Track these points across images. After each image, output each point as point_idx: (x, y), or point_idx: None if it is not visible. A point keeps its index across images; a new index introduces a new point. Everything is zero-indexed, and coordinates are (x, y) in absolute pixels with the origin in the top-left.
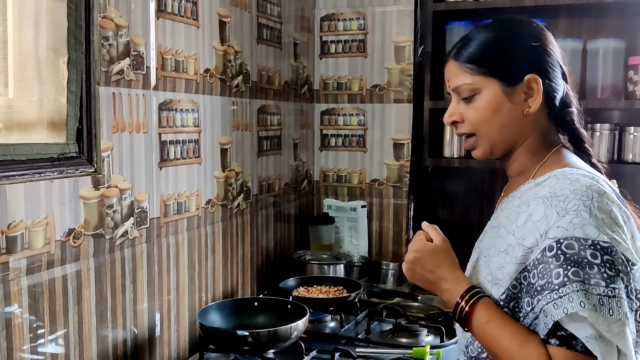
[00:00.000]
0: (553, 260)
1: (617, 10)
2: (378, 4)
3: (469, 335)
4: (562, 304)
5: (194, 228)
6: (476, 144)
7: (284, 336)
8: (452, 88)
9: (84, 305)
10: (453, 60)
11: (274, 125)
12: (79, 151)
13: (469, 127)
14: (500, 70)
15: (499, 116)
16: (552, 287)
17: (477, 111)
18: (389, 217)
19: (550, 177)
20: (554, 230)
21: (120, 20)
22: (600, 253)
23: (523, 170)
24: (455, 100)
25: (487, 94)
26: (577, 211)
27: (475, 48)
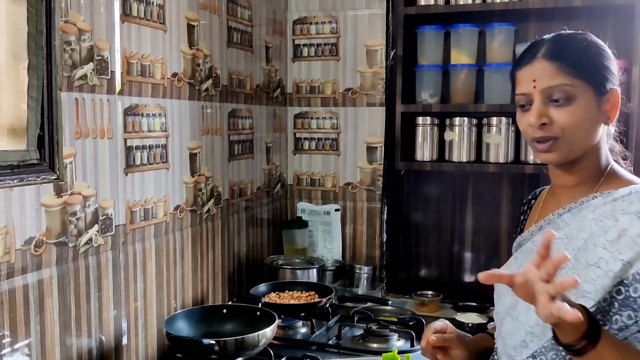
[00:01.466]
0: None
1: (585, 14)
2: (350, 8)
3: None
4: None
5: (162, 234)
6: (555, 149)
7: (251, 344)
8: (541, 89)
9: (46, 314)
10: (546, 60)
11: (246, 129)
12: (40, 158)
13: (555, 131)
14: (596, 79)
15: (588, 124)
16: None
17: (571, 115)
18: (362, 220)
19: (632, 193)
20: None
21: (83, 24)
22: None
23: (584, 181)
24: (540, 101)
25: (583, 100)
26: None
27: (571, 51)
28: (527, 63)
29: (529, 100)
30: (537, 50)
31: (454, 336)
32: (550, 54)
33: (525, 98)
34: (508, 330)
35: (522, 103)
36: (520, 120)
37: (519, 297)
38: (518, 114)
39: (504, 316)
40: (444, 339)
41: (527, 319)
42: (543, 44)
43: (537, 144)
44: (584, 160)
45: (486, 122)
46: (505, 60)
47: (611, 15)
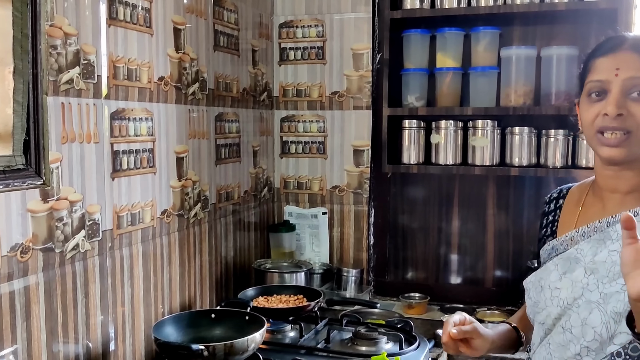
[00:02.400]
0: None
1: (569, 17)
2: (336, 11)
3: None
4: None
5: (149, 239)
6: (625, 144)
7: (240, 349)
8: (624, 78)
9: (33, 321)
10: (632, 52)
11: (233, 132)
12: (26, 163)
13: (630, 124)
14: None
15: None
16: None
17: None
18: (349, 223)
19: None
20: None
21: (69, 28)
22: None
23: (636, 188)
24: (619, 92)
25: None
26: None
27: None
28: (611, 52)
29: (603, 89)
30: (623, 42)
31: (474, 326)
32: (637, 47)
33: (600, 86)
34: (559, 342)
35: (595, 91)
36: (588, 109)
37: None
38: (585, 104)
39: (550, 327)
40: (464, 332)
41: (583, 333)
42: (628, 37)
43: (604, 137)
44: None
45: (472, 125)
46: (490, 64)
47: (595, 18)
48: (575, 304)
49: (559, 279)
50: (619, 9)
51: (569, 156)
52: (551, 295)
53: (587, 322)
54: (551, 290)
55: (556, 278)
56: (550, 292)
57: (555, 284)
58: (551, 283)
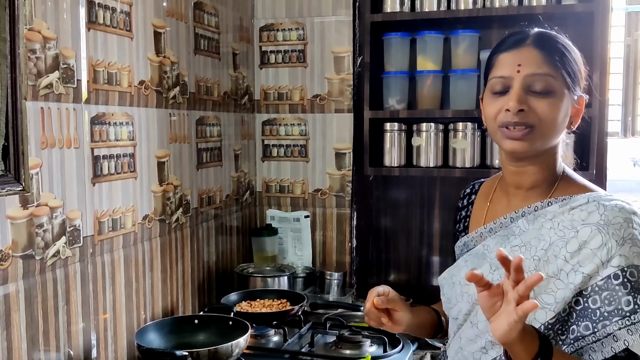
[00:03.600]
0: (621, 287)
1: (546, 20)
2: (317, 15)
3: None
4: (637, 330)
5: (131, 245)
6: (528, 138)
7: (225, 354)
8: (525, 74)
9: (13, 330)
10: (533, 48)
11: (214, 136)
12: (5, 169)
13: (533, 119)
14: (573, 80)
15: (562, 122)
16: (623, 313)
17: (550, 107)
18: (332, 226)
19: (590, 202)
20: (618, 259)
21: (48, 32)
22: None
23: (539, 184)
24: (521, 88)
25: (561, 96)
26: (632, 239)
27: (560, 48)
28: (514, 47)
29: (505, 85)
30: (525, 38)
31: (397, 298)
32: (540, 43)
33: (502, 82)
34: (468, 337)
35: (497, 88)
36: (491, 104)
37: (481, 305)
38: (488, 99)
39: (461, 322)
40: (388, 301)
41: (487, 327)
42: (531, 33)
43: (508, 130)
44: (544, 160)
45: (452, 128)
46: (469, 67)
47: (571, 22)
48: None
49: None
50: (595, 12)
51: None
52: (461, 291)
53: None
54: (461, 286)
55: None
56: (461, 288)
57: (465, 280)
58: (461, 279)
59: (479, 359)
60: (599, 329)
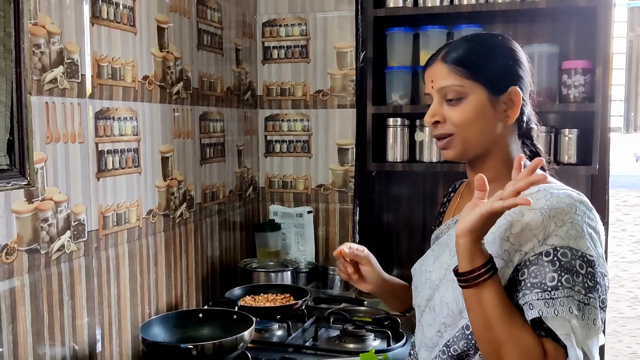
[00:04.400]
0: (549, 264)
1: (550, 16)
2: (319, 10)
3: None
4: (554, 305)
5: (135, 239)
6: (450, 145)
7: (229, 347)
8: (436, 89)
9: (18, 323)
10: (441, 62)
11: (217, 132)
12: (10, 163)
13: (449, 128)
14: (488, 79)
15: (481, 122)
16: (545, 287)
17: (461, 113)
18: (335, 222)
19: (540, 191)
20: (553, 238)
21: (53, 27)
22: (585, 265)
23: (495, 178)
24: (437, 101)
25: (473, 99)
26: (572, 223)
27: (466, 53)
28: (429, 65)
29: (431, 100)
30: (438, 54)
31: (366, 254)
32: (447, 57)
33: (429, 98)
34: (427, 322)
35: (429, 102)
36: None
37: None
38: None
39: (423, 309)
40: (354, 254)
41: (441, 310)
42: (445, 48)
43: (436, 141)
44: (490, 158)
45: None
46: None
47: (574, 16)
48: (441, 284)
49: (432, 262)
50: (598, 7)
51: (551, 152)
52: (425, 278)
53: (443, 300)
54: (425, 273)
55: (431, 262)
56: (425, 275)
57: (429, 268)
58: (427, 267)
59: (437, 343)
60: (519, 297)
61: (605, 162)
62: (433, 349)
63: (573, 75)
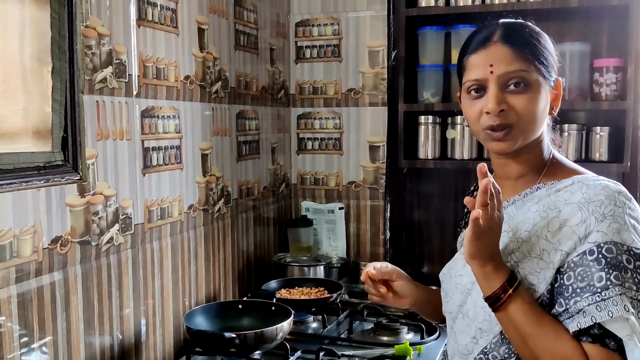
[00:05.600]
0: (595, 264)
1: (581, 14)
2: (352, 10)
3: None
4: (607, 307)
5: (177, 233)
6: (509, 137)
7: (270, 337)
8: (498, 74)
9: (71, 312)
10: (502, 44)
11: (252, 130)
12: (64, 159)
13: (512, 118)
14: (547, 68)
15: (543, 112)
16: (594, 289)
17: (529, 102)
18: (366, 218)
19: (575, 183)
20: (595, 235)
21: (103, 29)
22: (633, 259)
23: (527, 172)
24: (497, 87)
25: (538, 87)
26: (613, 216)
27: (528, 37)
28: (482, 47)
29: (481, 87)
30: (492, 35)
31: (392, 269)
32: (507, 38)
33: (477, 84)
34: (460, 328)
35: (474, 88)
36: (471, 107)
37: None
38: (467, 102)
39: (455, 315)
40: (382, 273)
41: (476, 315)
42: (497, 28)
43: (492, 132)
44: (529, 151)
45: None
46: None
47: (606, 15)
48: (474, 287)
49: (463, 266)
50: (630, 5)
51: (582, 150)
52: (455, 283)
53: (477, 303)
54: (456, 278)
55: (461, 266)
56: (455, 280)
57: (459, 272)
58: (457, 272)
59: (472, 350)
60: (570, 305)
61: (637, 160)
62: (468, 357)
63: (605, 73)
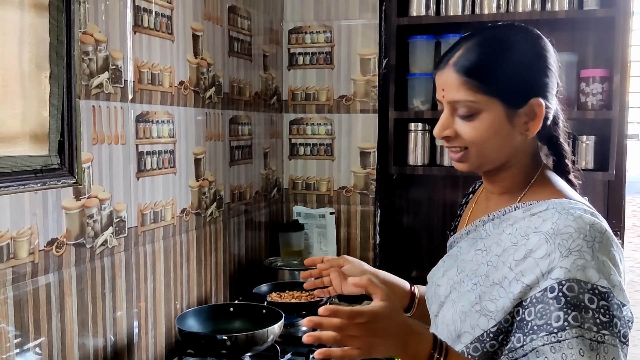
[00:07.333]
0: (554, 302)
1: (569, 25)
2: (344, 18)
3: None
4: (561, 349)
5: (170, 236)
6: (465, 159)
7: (261, 339)
8: (447, 100)
9: (66, 313)
10: (453, 70)
11: (245, 135)
12: (61, 163)
13: (462, 142)
14: (506, 92)
15: (497, 138)
16: (551, 329)
17: (475, 131)
18: (356, 223)
19: (549, 209)
20: (557, 271)
21: (100, 35)
22: (597, 298)
23: (509, 190)
24: (448, 112)
25: (488, 116)
26: (580, 252)
27: (481, 61)
28: (441, 68)
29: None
30: (451, 55)
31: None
32: (459, 64)
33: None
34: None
35: (439, 107)
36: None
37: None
38: None
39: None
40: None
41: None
42: (459, 48)
43: (449, 152)
44: (506, 170)
45: None
46: None
47: (593, 26)
48: (446, 301)
49: (441, 275)
50: (616, 17)
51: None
52: (434, 292)
53: (444, 320)
54: (435, 286)
55: (440, 275)
56: (434, 288)
57: (438, 281)
58: (436, 279)
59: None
60: (527, 342)
61: (622, 169)
62: None
63: (591, 83)
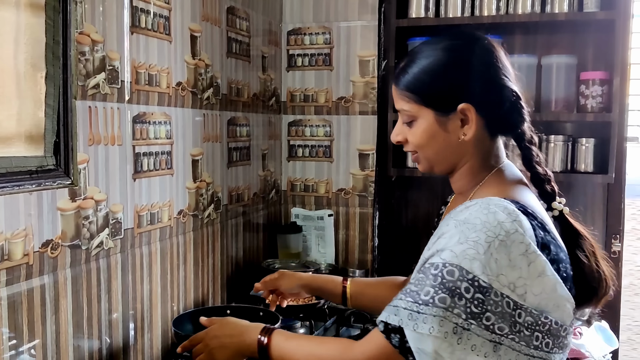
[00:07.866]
0: (432, 278)
1: (569, 27)
2: (343, 19)
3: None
4: (417, 319)
5: (166, 238)
6: (418, 161)
7: None
8: (397, 109)
9: (61, 315)
10: (394, 83)
11: (243, 136)
12: (56, 164)
13: (411, 147)
14: (434, 100)
15: (434, 143)
16: (417, 299)
17: (414, 136)
18: (355, 225)
19: (478, 203)
20: (447, 253)
21: (96, 35)
22: (474, 289)
23: (463, 190)
24: (400, 120)
25: (422, 122)
26: (476, 243)
27: (412, 75)
28: (392, 82)
29: None
30: (396, 69)
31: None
32: (397, 78)
33: None
34: None
35: None
36: None
37: None
38: None
39: None
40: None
41: None
42: (401, 62)
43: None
44: (457, 171)
45: None
46: None
47: (593, 29)
48: None
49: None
50: (616, 19)
51: (568, 161)
52: None
53: None
54: None
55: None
56: None
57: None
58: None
59: None
60: (397, 297)
61: (621, 171)
62: None
63: (591, 85)
